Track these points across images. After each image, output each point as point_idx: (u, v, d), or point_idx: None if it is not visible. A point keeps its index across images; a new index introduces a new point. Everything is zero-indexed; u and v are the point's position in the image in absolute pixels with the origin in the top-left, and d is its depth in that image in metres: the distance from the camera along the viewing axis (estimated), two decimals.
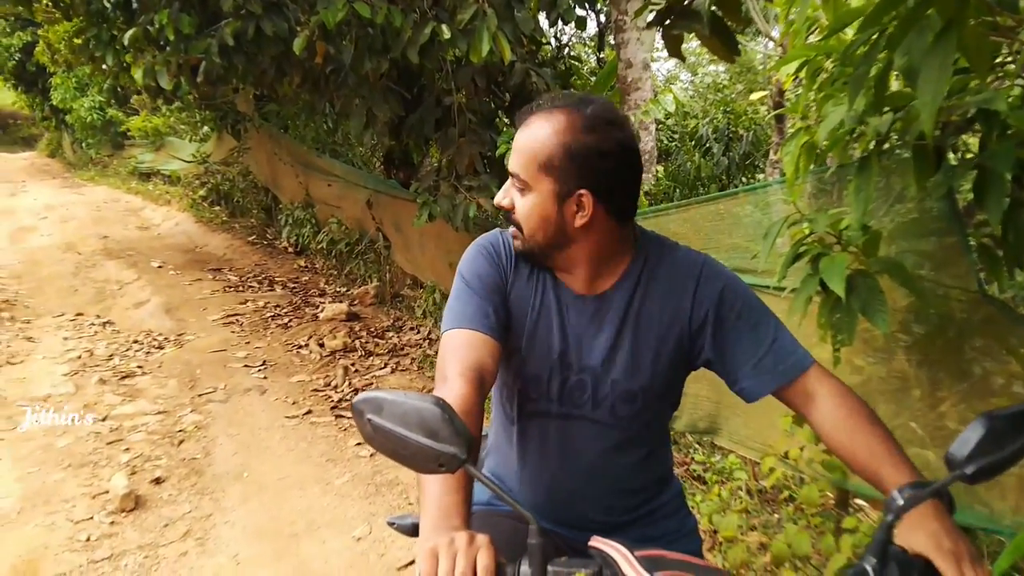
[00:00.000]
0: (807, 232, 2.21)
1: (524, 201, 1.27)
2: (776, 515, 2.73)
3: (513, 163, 1.27)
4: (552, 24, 5.27)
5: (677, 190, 6.86)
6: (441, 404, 0.96)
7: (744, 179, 7.36)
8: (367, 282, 7.68)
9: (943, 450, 1.00)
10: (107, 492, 3.76)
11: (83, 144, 17.60)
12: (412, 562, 3.11)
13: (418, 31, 3.99)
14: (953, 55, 1.35)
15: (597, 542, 1.07)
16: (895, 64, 1.62)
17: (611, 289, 1.33)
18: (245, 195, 11.42)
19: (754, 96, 7.28)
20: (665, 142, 8.47)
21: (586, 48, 8.89)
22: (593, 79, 6.19)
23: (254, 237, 10.57)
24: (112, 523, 3.51)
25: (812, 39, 2.70)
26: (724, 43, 1.95)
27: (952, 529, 1.04)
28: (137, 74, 4.49)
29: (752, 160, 7.39)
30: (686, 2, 1.96)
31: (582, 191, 1.23)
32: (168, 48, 4.48)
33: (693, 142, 7.84)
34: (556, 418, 1.37)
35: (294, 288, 8.17)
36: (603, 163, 1.23)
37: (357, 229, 8.12)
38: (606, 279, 1.33)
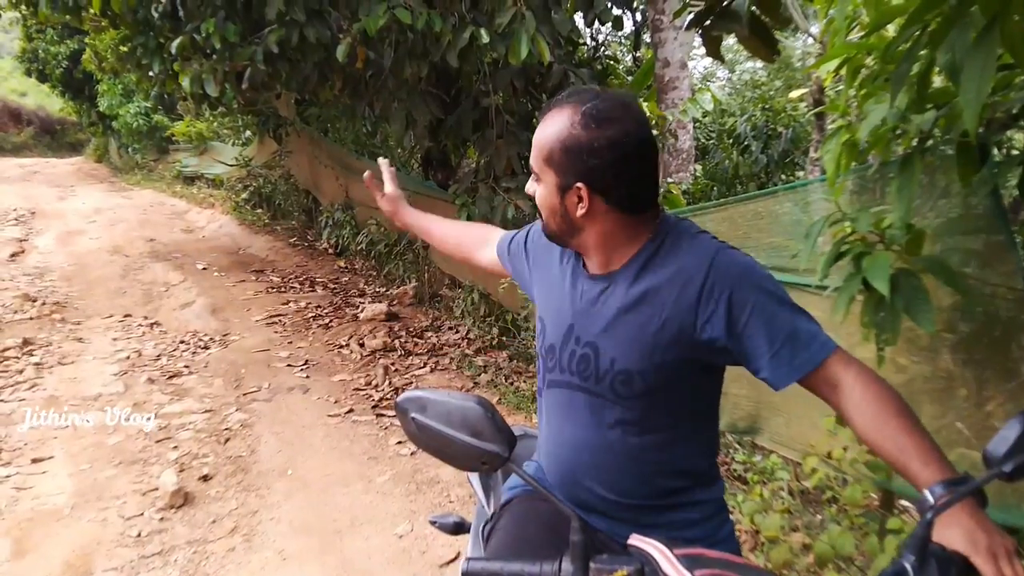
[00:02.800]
0: (849, 231, 2.20)
1: (539, 191, 1.36)
2: (819, 516, 2.72)
3: (532, 155, 1.36)
4: (589, 24, 5.28)
5: (715, 188, 6.82)
6: (483, 403, 0.99)
7: (783, 177, 7.29)
8: (406, 282, 7.76)
9: None
10: (156, 489, 3.85)
11: (129, 149, 18.01)
12: (454, 559, 3.15)
13: (457, 35, 4.04)
14: (997, 52, 1.34)
15: (636, 540, 1.08)
16: (938, 61, 1.61)
17: (618, 270, 1.37)
18: (286, 198, 11.60)
19: (793, 94, 7.21)
20: (703, 140, 8.42)
21: (622, 47, 8.88)
22: (630, 78, 6.18)
23: (295, 239, 10.73)
24: (162, 519, 3.60)
25: (853, 36, 2.69)
26: (764, 43, 1.95)
27: (988, 526, 1.04)
28: (185, 81, 4.61)
29: (791, 158, 7.31)
30: (725, 3, 1.97)
31: (579, 184, 1.29)
32: (214, 56, 4.59)
33: (731, 140, 7.78)
34: (567, 388, 1.43)
35: (334, 289, 8.28)
36: (593, 159, 1.27)
37: (396, 230, 8.20)
38: (617, 261, 1.38)
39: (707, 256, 1.30)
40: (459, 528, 1.77)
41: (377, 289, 8.10)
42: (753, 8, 1.93)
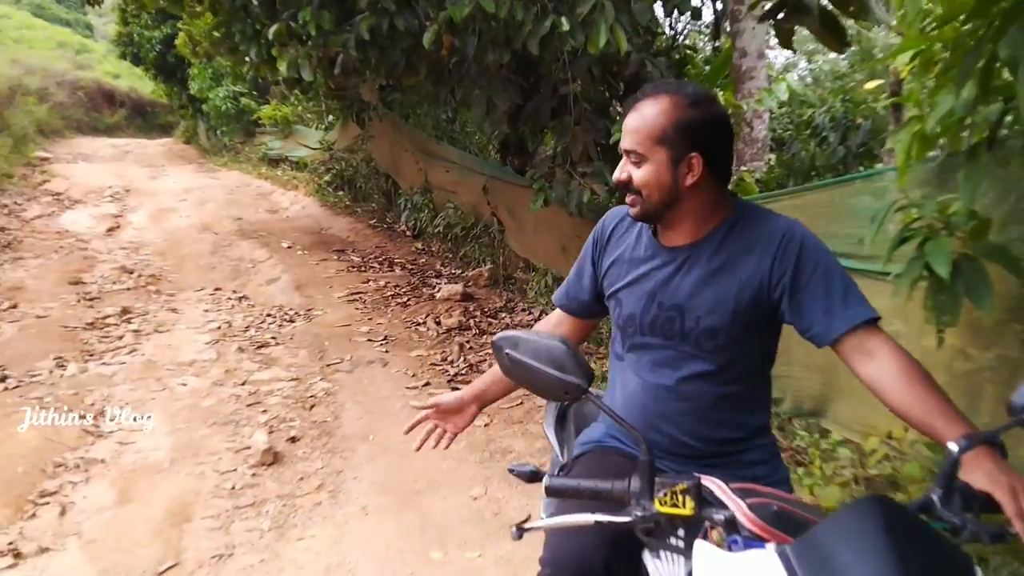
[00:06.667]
0: (915, 217, 2.28)
1: (641, 171, 1.52)
2: (880, 493, 2.79)
3: (628, 142, 1.53)
4: (668, 14, 5.36)
5: (791, 179, 6.80)
6: (565, 341, 1.18)
7: (860, 168, 7.20)
8: (481, 265, 7.97)
9: None
10: (248, 448, 4.15)
11: (217, 131, 18.64)
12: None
13: (539, 24, 4.18)
14: None
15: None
16: (1000, 55, 1.69)
17: (702, 240, 1.58)
18: (367, 181, 11.94)
19: (869, 85, 7.12)
20: (779, 131, 8.36)
21: (701, 36, 8.87)
22: (707, 68, 6.22)
23: (375, 221, 11.06)
24: (254, 475, 3.89)
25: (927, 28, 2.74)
26: (834, 35, 2.05)
27: (1007, 468, 1.18)
28: (282, 66, 4.89)
29: (869, 149, 7.23)
30: None
31: (693, 155, 1.49)
32: (309, 42, 4.85)
33: (808, 131, 7.73)
34: (650, 349, 1.63)
35: (412, 269, 8.55)
36: (706, 131, 1.50)
37: (472, 214, 8.41)
38: (697, 233, 1.58)
39: (780, 228, 1.53)
40: (535, 476, 1.92)
41: (453, 270, 8.35)
42: (824, 1, 2.03)
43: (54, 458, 3.98)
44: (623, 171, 1.55)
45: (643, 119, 1.50)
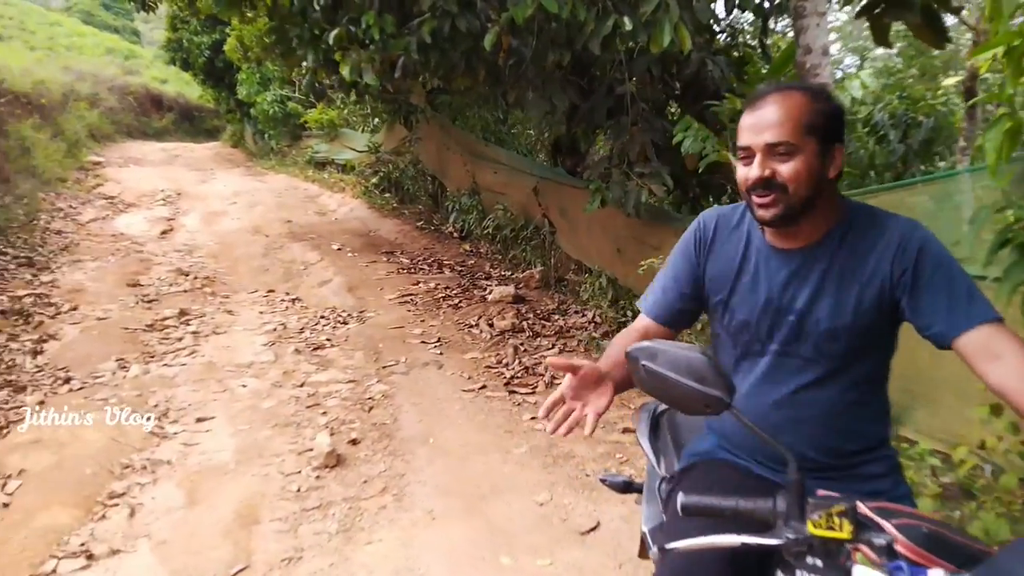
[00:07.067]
0: (1013, 219, 2.19)
1: (790, 164, 1.43)
2: (972, 503, 2.70)
3: (772, 134, 1.43)
4: (728, 12, 5.28)
5: (847, 178, 6.67)
6: (707, 354, 1.13)
7: (922, 168, 7.04)
8: (531, 266, 7.94)
9: None
10: (311, 449, 4.16)
11: (264, 135, 18.85)
12: (594, 528, 3.29)
13: (600, 24, 4.14)
14: None
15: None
16: None
17: (817, 243, 1.52)
18: (414, 183, 11.99)
19: (947, 81, 6.93)
20: None
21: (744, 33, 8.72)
22: (765, 67, 6.11)
23: (422, 222, 11.09)
24: (318, 477, 3.89)
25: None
26: (934, 30, 1.97)
27: None
28: (344, 70, 4.91)
29: (931, 148, 7.05)
30: None
31: (837, 145, 1.46)
32: (371, 46, 4.86)
33: (866, 128, 7.56)
34: (767, 355, 1.57)
35: (461, 271, 8.55)
36: (838, 122, 1.47)
37: (522, 215, 8.38)
38: (814, 234, 1.52)
39: (899, 226, 1.48)
40: (628, 487, 1.90)
41: (503, 272, 8.33)
42: None
43: (121, 459, 4.03)
44: (763, 167, 1.44)
45: (787, 110, 1.43)
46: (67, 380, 5.03)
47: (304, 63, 6.15)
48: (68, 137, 14.37)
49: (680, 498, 1.19)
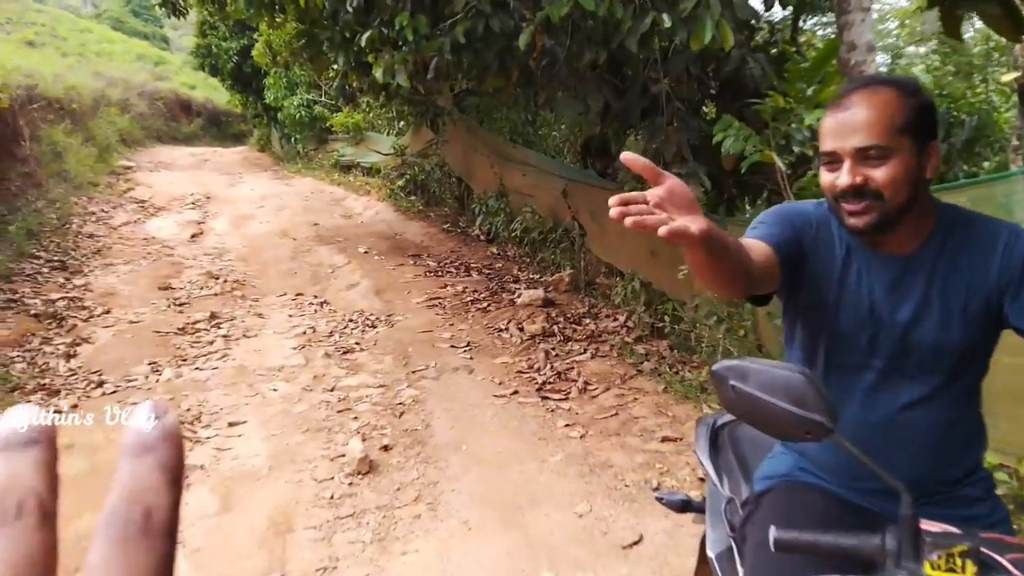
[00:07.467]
0: None
1: (886, 168, 1.32)
2: None
3: (861, 138, 1.32)
4: (768, 7, 5.16)
5: None
6: (806, 374, 1.02)
7: (965, 168, 6.86)
8: (560, 270, 7.84)
9: None
10: (344, 455, 4.10)
11: (291, 139, 18.93)
12: (637, 542, 3.20)
13: (638, 21, 4.05)
14: None
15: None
16: None
17: (918, 250, 1.41)
18: (440, 185, 11.92)
19: (1005, 77, 6.75)
20: None
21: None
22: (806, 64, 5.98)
23: (448, 225, 11.03)
24: (351, 484, 3.83)
25: None
26: (1013, 21, 1.87)
27: None
28: (378, 72, 4.85)
29: (974, 147, 6.87)
30: None
31: (932, 142, 1.36)
32: (404, 47, 4.80)
33: None
34: (867, 370, 1.45)
35: (489, 274, 8.47)
36: (932, 117, 1.37)
37: (550, 218, 8.29)
38: (913, 240, 1.41)
39: (1001, 228, 1.38)
40: (686, 506, 1.80)
41: (531, 275, 8.23)
42: None
43: None
44: (853, 174, 1.33)
45: (877, 110, 1.31)
46: (100, 384, 5.02)
47: (334, 66, 6.12)
48: (99, 142, 14.50)
49: (773, 532, 1.09)
